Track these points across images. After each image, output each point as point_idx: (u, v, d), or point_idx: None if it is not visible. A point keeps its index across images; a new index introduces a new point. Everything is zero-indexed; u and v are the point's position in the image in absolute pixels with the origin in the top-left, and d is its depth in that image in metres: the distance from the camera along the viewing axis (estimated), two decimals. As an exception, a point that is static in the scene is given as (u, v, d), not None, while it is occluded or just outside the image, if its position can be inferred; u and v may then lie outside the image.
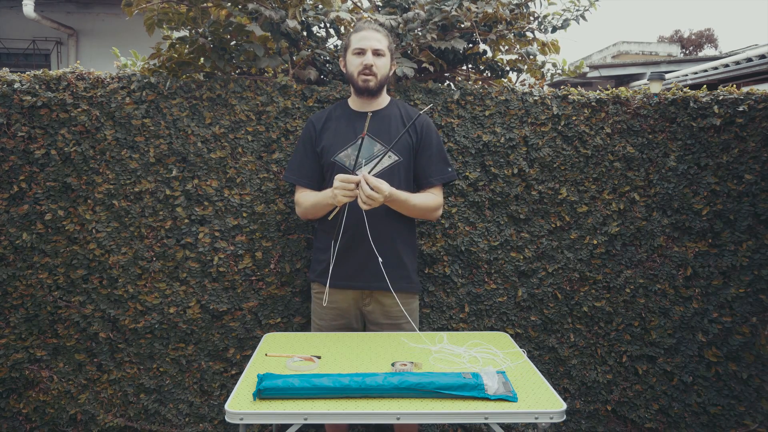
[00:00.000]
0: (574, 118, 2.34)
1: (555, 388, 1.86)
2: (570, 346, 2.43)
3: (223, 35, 2.24)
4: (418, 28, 2.34)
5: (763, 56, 5.94)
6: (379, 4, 2.56)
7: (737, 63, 6.36)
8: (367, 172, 1.84)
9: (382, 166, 1.96)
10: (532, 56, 2.50)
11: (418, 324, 2.11)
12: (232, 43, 2.30)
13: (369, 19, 2.20)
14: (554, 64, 2.62)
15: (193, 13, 2.22)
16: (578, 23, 2.57)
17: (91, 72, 2.28)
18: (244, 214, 2.30)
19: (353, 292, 2.05)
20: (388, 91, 2.21)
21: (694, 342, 2.39)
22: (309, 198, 2.02)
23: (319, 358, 1.69)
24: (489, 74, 2.58)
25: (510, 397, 1.42)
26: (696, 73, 7.18)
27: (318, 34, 2.52)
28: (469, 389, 1.42)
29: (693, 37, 25.54)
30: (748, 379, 2.37)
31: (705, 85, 2.58)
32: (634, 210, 2.38)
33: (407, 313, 1.99)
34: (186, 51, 2.26)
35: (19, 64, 6.95)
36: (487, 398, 1.41)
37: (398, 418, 1.37)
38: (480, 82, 2.50)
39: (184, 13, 2.24)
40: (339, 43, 2.57)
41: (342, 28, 2.51)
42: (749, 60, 6.16)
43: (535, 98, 2.34)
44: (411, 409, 1.37)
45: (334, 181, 1.84)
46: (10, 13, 6.68)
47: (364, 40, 1.98)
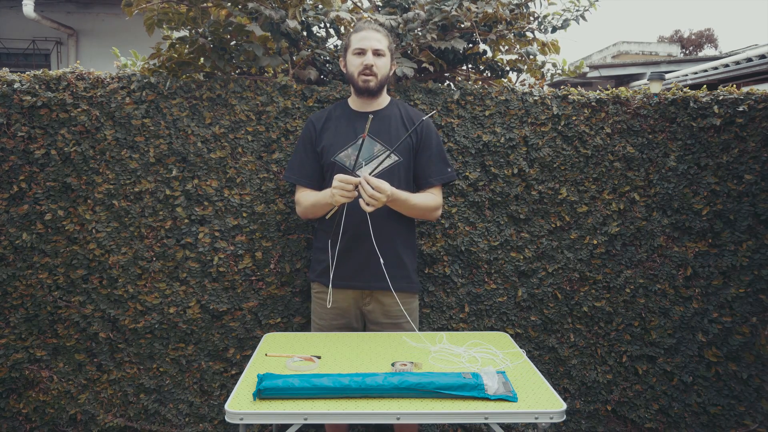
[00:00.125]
0: (574, 118, 2.34)
1: (555, 388, 1.86)
2: (570, 346, 2.43)
3: (223, 35, 2.24)
4: (418, 28, 2.34)
5: (763, 56, 5.94)
6: (379, 4, 2.56)
7: (737, 63, 6.36)
8: (367, 173, 1.84)
9: (383, 166, 1.97)
10: (532, 56, 2.50)
11: (418, 324, 2.11)
12: (232, 43, 2.30)
13: (369, 19, 2.20)
14: (554, 64, 2.62)
15: (193, 13, 2.22)
16: (578, 23, 2.57)
17: (91, 72, 2.28)
18: (244, 214, 2.30)
19: (353, 292, 2.05)
20: (388, 91, 2.21)
21: (694, 342, 2.39)
22: (309, 198, 2.02)
23: (319, 358, 1.69)
24: (489, 74, 2.58)
25: (510, 397, 1.42)
26: (696, 73, 7.18)
27: (318, 34, 2.52)
28: (469, 389, 1.42)
29: (693, 37, 25.54)
30: (748, 379, 2.37)
31: (705, 85, 2.58)
32: (634, 210, 2.38)
33: (407, 313, 2.00)
34: (186, 51, 2.26)
35: (19, 64, 6.95)
36: (487, 398, 1.41)
37: (398, 418, 1.37)
38: (480, 82, 2.50)
39: (184, 13, 2.24)
40: (339, 43, 2.57)
41: (342, 28, 2.51)
42: (749, 60, 6.16)
43: (535, 98, 2.34)
44: (411, 409, 1.38)
45: (333, 181, 1.84)
46: (10, 13, 6.67)
47: (365, 40, 1.98)
